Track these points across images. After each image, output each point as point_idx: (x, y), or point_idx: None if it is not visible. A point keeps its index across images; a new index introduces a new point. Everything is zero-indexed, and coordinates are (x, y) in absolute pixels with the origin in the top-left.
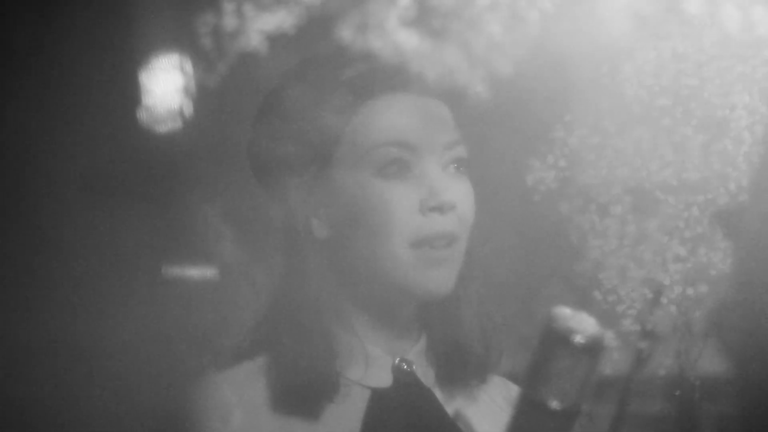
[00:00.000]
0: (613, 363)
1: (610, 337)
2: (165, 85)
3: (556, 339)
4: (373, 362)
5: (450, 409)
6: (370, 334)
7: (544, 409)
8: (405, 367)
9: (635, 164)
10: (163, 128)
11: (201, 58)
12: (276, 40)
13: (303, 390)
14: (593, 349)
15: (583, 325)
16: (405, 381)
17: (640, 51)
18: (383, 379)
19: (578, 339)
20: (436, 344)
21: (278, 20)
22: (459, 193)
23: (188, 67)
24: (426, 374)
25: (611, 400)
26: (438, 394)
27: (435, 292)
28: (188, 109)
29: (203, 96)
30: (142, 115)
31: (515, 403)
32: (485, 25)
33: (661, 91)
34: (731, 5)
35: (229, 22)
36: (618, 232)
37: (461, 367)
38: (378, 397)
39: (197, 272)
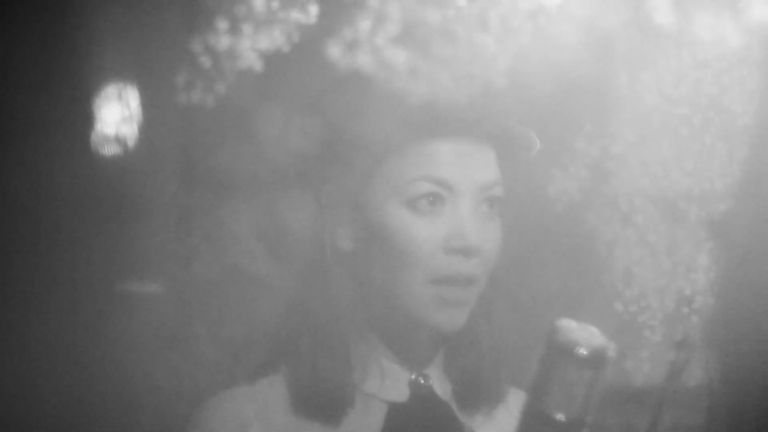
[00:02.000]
0: (644, 375)
1: (613, 349)
2: (123, 112)
3: (559, 351)
4: (390, 376)
5: (467, 423)
6: (388, 348)
7: (549, 421)
8: (422, 381)
9: (657, 174)
10: (118, 151)
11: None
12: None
13: (319, 401)
14: (597, 360)
15: (586, 336)
16: (422, 395)
17: (662, 59)
18: (400, 393)
19: (581, 351)
20: (453, 360)
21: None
22: (487, 235)
23: (143, 93)
24: (444, 388)
25: (645, 412)
26: (456, 408)
27: (445, 330)
28: (143, 134)
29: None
30: (96, 140)
31: (521, 414)
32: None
33: (680, 100)
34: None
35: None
36: (640, 242)
37: (478, 384)
38: (395, 411)
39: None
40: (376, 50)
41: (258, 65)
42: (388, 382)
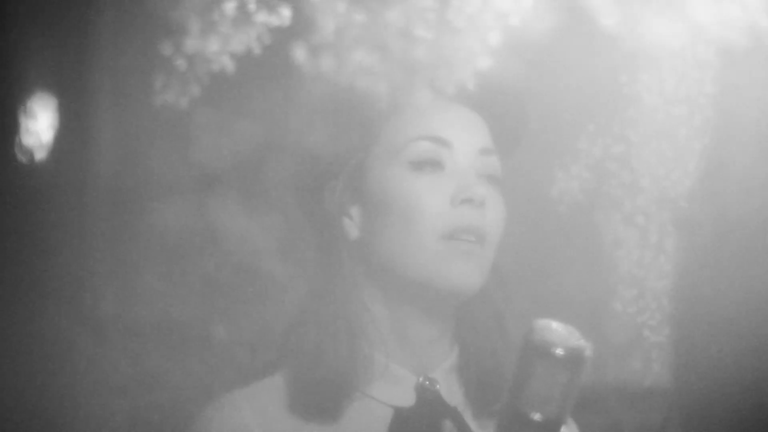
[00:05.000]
0: (654, 374)
1: (590, 349)
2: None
3: (536, 351)
4: (396, 380)
5: (475, 429)
6: (397, 348)
7: (527, 421)
8: (428, 385)
9: (658, 174)
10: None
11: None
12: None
13: (320, 396)
14: (574, 360)
15: (563, 336)
16: (428, 400)
17: (666, 59)
18: (406, 398)
19: (558, 351)
20: (468, 360)
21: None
22: (489, 196)
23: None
24: (453, 393)
25: (656, 410)
26: (468, 414)
27: (460, 285)
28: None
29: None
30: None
31: (499, 414)
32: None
33: (678, 100)
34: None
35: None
36: (639, 243)
37: (492, 387)
38: (400, 416)
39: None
40: (339, 52)
41: (230, 67)
42: (394, 386)
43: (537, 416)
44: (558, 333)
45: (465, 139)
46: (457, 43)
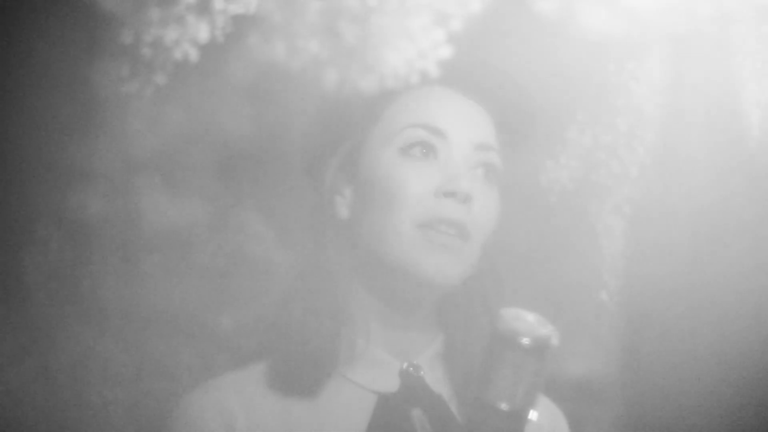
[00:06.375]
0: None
1: (557, 337)
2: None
3: (502, 340)
4: (380, 366)
5: (461, 415)
6: (381, 334)
7: (494, 411)
8: (412, 371)
9: (645, 162)
10: None
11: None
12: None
13: (300, 380)
14: (540, 349)
15: (530, 325)
16: (412, 386)
17: (656, 47)
18: (390, 383)
19: (524, 340)
20: (454, 350)
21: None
22: (480, 192)
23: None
24: (438, 381)
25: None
26: (455, 402)
27: (434, 277)
28: None
29: None
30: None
31: (468, 405)
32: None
33: (663, 89)
34: None
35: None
36: (626, 232)
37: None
38: (385, 401)
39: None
40: (291, 38)
41: (194, 55)
42: (378, 372)
43: (504, 406)
44: (525, 322)
45: (462, 131)
46: (419, 29)
